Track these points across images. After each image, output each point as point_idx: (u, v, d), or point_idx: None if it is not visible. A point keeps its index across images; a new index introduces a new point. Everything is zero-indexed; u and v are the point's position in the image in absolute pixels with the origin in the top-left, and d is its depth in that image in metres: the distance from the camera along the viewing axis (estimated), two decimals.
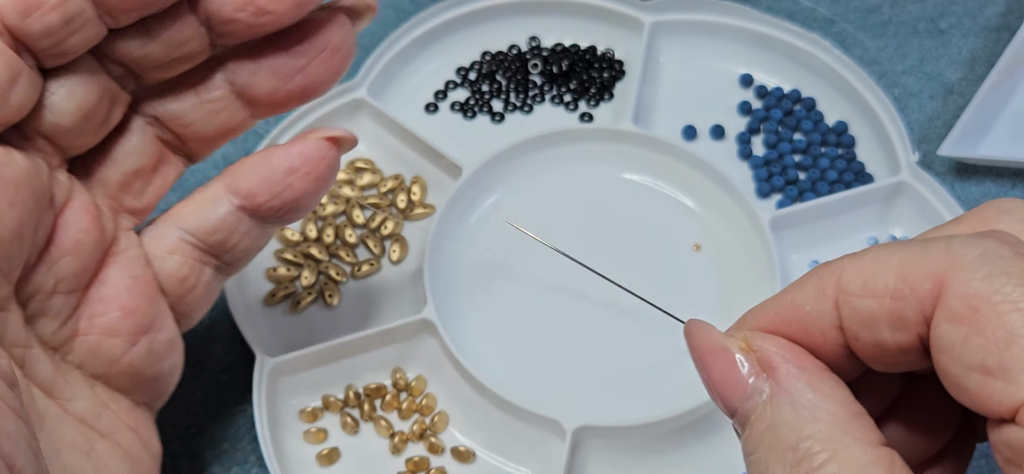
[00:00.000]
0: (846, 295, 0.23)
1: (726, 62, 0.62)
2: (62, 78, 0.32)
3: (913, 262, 0.22)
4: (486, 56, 0.63)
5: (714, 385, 0.25)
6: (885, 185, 0.54)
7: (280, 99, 0.37)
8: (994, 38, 0.63)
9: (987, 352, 0.20)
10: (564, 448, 0.45)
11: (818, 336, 0.24)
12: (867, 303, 0.23)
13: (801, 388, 0.23)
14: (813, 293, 0.24)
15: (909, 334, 0.22)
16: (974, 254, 0.21)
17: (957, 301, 0.21)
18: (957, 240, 0.22)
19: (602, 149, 0.57)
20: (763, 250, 0.52)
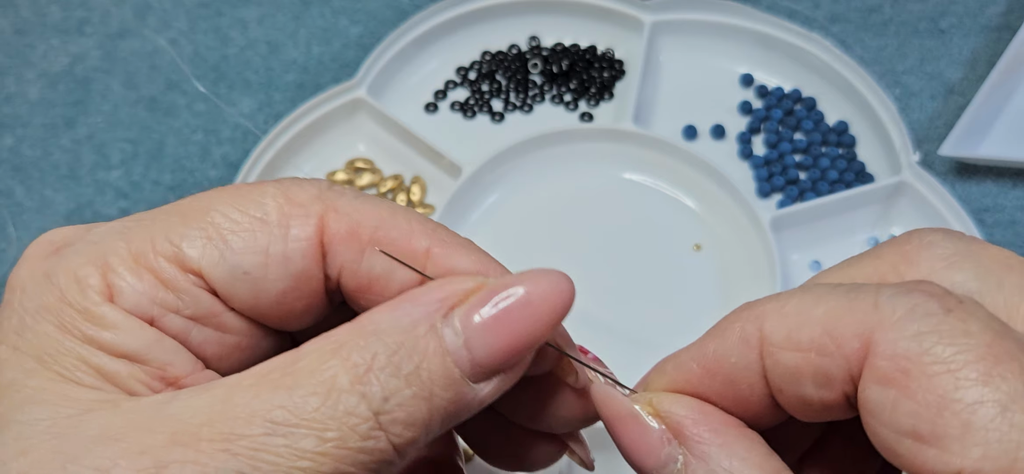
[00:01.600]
0: (769, 346, 0.22)
1: (726, 62, 0.62)
2: None
3: (838, 316, 0.21)
4: (486, 56, 0.63)
5: (627, 451, 0.24)
6: (886, 185, 0.54)
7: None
8: (995, 38, 0.63)
9: (919, 418, 0.19)
10: None
11: (745, 388, 0.23)
12: (791, 356, 0.21)
13: (715, 454, 0.22)
14: (737, 343, 0.23)
15: (834, 391, 0.21)
16: (902, 310, 0.20)
17: (885, 362, 0.20)
18: (884, 294, 0.20)
19: (602, 149, 0.57)
20: (763, 250, 0.52)
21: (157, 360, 0.24)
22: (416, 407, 0.22)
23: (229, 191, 0.25)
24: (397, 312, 0.23)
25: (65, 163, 0.60)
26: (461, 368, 0.23)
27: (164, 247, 0.24)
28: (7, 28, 0.66)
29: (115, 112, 0.62)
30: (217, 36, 0.65)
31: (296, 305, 0.25)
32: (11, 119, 0.62)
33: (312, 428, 0.21)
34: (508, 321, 0.23)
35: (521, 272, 0.24)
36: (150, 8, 0.67)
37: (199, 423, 0.21)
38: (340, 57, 0.64)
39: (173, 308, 0.24)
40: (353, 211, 0.25)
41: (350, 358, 0.22)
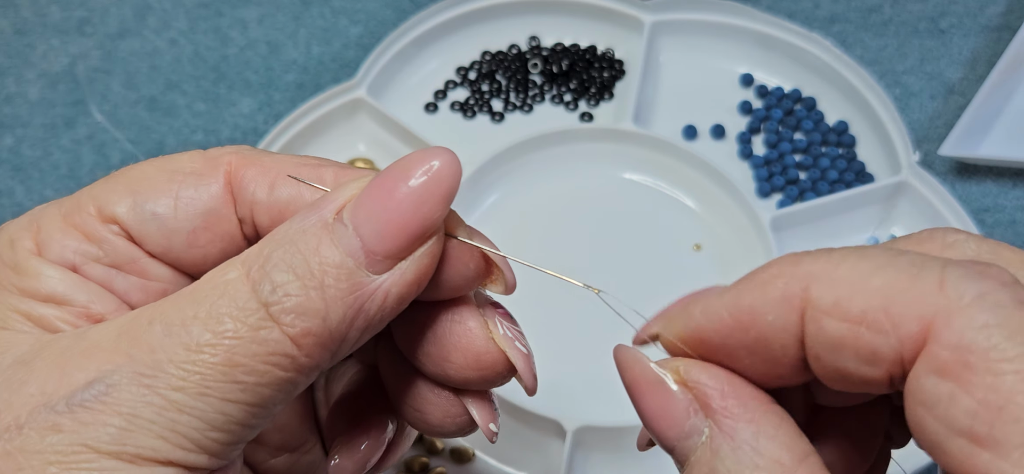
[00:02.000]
0: (814, 311, 0.20)
1: (726, 61, 0.62)
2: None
3: (899, 291, 0.19)
4: (486, 56, 0.63)
5: (649, 420, 0.23)
6: (886, 185, 0.54)
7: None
8: (995, 38, 0.63)
9: (977, 417, 0.18)
10: (564, 448, 0.45)
11: (778, 349, 0.21)
12: (837, 326, 0.20)
13: (742, 430, 0.21)
14: (777, 300, 0.21)
15: (879, 370, 0.20)
16: (970, 296, 0.18)
17: (947, 352, 0.18)
18: (952, 274, 0.19)
19: (602, 149, 0.57)
20: (763, 250, 0.52)
21: (80, 300, 0.25)
22: (306, 296, 0.23)
23: (155, 158, 0.28)
24: (293, 221, 0.24)
25: (65, 163, 0.60)
26: (353, 256, 0.23)
27: (87, 204, 0.27)
28: (7, 28, 0.66)
29: (115, 112, 0.62)
30: (217, 36, 0.65)
31: (210, 248, 0.27)
32: (11, 119, 0.62)
33: (205, 323, 0.22)
34: (393, 200, 0.24)
35: (402, 157, 0.24)
36: (150, 8, 0.67)
37: (106, 338, 0.23)
38: (340, 57, 0.64)
39: (94, 257, 0.26)
40: (263, 158, 0.27)
41: (245, 263, 0.23)
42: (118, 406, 0.22)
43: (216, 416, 0.22)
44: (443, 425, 0.28)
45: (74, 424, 0.21)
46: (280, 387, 0.23)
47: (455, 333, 0.27)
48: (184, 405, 0.22)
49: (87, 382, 0.22)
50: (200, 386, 0.22)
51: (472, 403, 0.28)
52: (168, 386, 0.22)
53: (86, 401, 0.22)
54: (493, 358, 0.27)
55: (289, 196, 0.26)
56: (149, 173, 0.27)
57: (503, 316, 0.28)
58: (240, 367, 0.22)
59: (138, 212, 0.26)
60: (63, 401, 0.22)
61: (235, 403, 0.22)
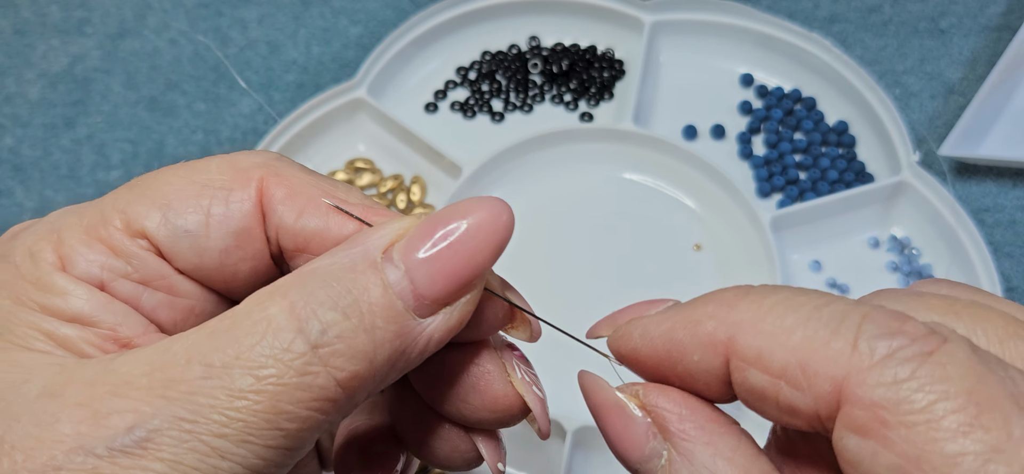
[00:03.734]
0: (737, 360, 0.21)
1: (726, 62, 0.62)
2: None
3: (814, 350, 0.19)
4: (486, 56, 0.63)
5: (612, 442, 0.23)
6: (886, 185, 0.54)
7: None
8: (995, 38, 0.63)
9: (899, 471, 0.18)
10: (564, 448, 0.45)
11: (702, 385, 0.22)
12: (759, 378, 0.20)
13: (699, 452, 0.22)
14: (704, 344, 0.22)
15: (800, 421, 0.20)
16: (880, 354, 0.19)
17: (862, 412, 0.19)
18: (865, 334, 0.19)
19: (602, 149, 0.57)
20: (763, 250, 0.52)
21: (107, 322, 0.24)
22: (356, 339, 0.22)
23: (178, 164, 0.26)
24: (337, 254, 0.23)
25: (65, 163, 0.60)
26: (403, 299, 0.23)
27: (112, 216, 0.25)
28: (7, 28, 0.66)
29: (115, 112, 0.62)
30: (217, 36, 0.65)
31: (240, 266, 0.26)
32: (11, 119, 0.62)
33: (248, 367, 0.21)
34: (448, 248, 0.23)
35: (457, 201, 0.24)
36: (150, 8, 0.67)
37: (139, 373, 0.22)
38: (340, 57, 0.64)
39: (122, 273, 0.25)
40: (292, 176, 0.26)
41: (288, 296, 0.22)
42: (159, 452, 0.21)
43: (256, 461, 0.22)
44: (451, 460, 0.28)
45: (114, 469, 0.21)
46: (319, 428, 0.23)
47: (474, 375, 0.27)
48: (226, 451, 0.21)
49: (126, 427, 0.21)
50: (243, 433, 0.21)
51: (481, 441, 0.28)
52: (210, 433, 0.21)
53: (127, 447, 0.21)
54: (510, 401, 0.27)
55: (318, 226, 0.26)
56: (177, 184, 0.26)
57: (520, 359, 0.28)
58: (284, 414, 0.21)
59: (170, 228, 0.25)
60: (102, 444, 0.21)
61: (275, 448, 0.22)
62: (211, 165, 0.26)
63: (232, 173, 0.26)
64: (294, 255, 0.26)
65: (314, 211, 0.26)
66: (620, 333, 0.25)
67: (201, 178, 0.26)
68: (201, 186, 0.26)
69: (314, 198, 0.26)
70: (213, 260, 0.26)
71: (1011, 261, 0.54)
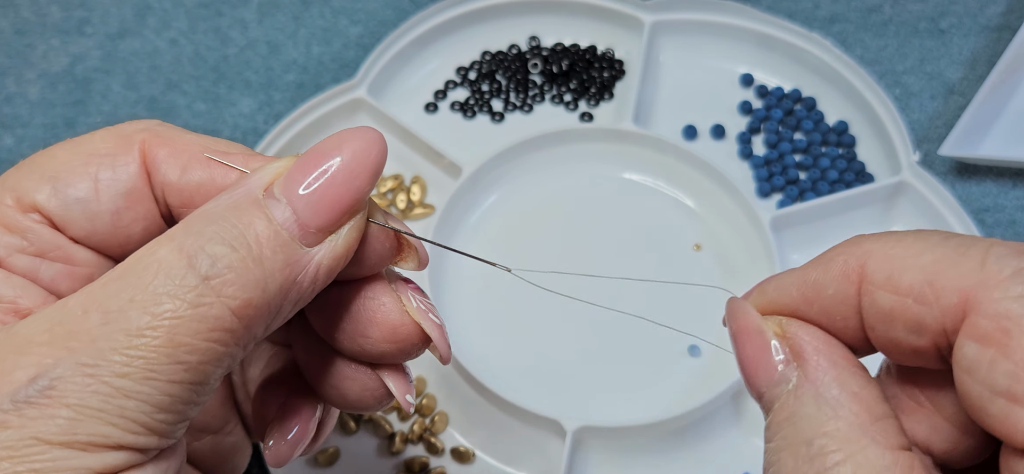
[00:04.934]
0: (868, 284, 0.22)
1: (726, 61, 0.62)
2: None
3: (943, 267, 0.21)
4: (486, 56, 0.63)
5: (744, 366, 0.24)
6: (886, 185, 0.54)
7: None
8: (995, 38, 0.63)
9: (1015, 378, 0.19)
10: (564, 448, 0.45)
11: (839, 320, 0.23)
12: (888, 298, 0.22)
13: (828, 383, 0.23)
14: (837, 276, 0.23)
15: (925, 340, 0.21)
16: (1009, 271, 0.20)
17: (986, 321, 0.20)
18: (994, 253, 0.20)
19: (602, 149, 0.57)
20: (763, 250, 0.52)
21: (7, 296, 0.25)
22: (246, 270, 0.23)
23: (64, 141, 0.27)
24: (220, 198, 0.24)
25: None
26: (288, 230, 0.24)
27: (2, 195, 0.26)
28: (7, 28, 0.66)
29: (115, 112, 0.62)
30: (217, 36, 0.65)
31: (132, 227, 0.27)
32: (11, 119, 0.62)
33: (144, 306, 0.22)
34: (326, 178, 0.24)
35: (330, 136, 0.25)
36: (150, 8, 0.67)
37: (40, 331, 0.22)
38: (340, 57, 0.64)
39: (17, 247, 0.26)
40: (174, 137, 0.27)
41: (175, 239, 0.23)
42: (64, 398, 0.22)
43: (162, 398, 0.22)
44: (362, 400, 0.29)
45: (21, 420, 0.21)
46: (220, 362, 0.23)
47: (370, 309, 0.27)
48: (130, 390, 0.22)
49: (29, 379, 0.22)
50: (144, 370, 0.22)
51: (388, 376, 0.29)
52: (112, 373, 0.22)
53: (31, 397, 0.21)
54: (408, 330, 0.27)
55: (201, 179, 0.27)
56: (63, 157, 0.27)
57: (414, 290, 0.28)
58: (182, 346, 0.22)
59: (60, 198, 0.26)
60: (7, 399, 0.21)
61: (179, 383, 0.22)
62: (96, 136, 0.27)
63: (115, 140, 0.27)
64: (181, 210, 0.27)
65: (197, 166, 0.27)
66: (756, 293, 0.26)
67: (86, 149, 0.27)
68: (87, 155, 0.27)
69: (196, 154, 0.27)
70: (106, 224, 0.27)
71: None
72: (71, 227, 0.26)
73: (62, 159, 0.27)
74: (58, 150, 0.27)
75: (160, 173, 0.27)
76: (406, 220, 0.56)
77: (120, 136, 0.27)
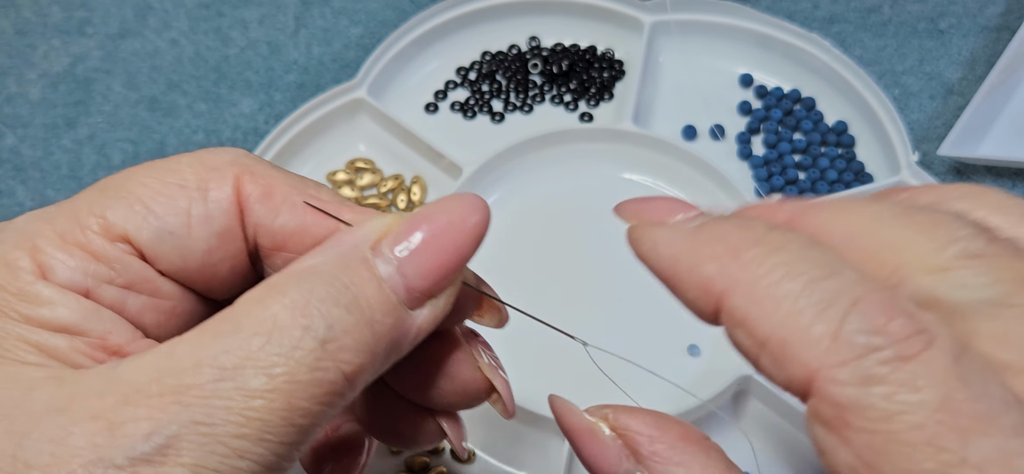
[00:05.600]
0: (727, 315, 0.21)
1: (726, 62, 0.62)
2: None
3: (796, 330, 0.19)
4: (486, 56, 0.63)
5: (586, 465, 0.24)
6: (885, 185, 0.54)
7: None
8: (994, 38, 0.63)
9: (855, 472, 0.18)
10: (564, 449, 0.45)
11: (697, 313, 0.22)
12: (744, 339, 0.21)
13: (671, 472, 0.22)
14: (699, 285, 0.22)
15: (777, 381, 0.21)
16: (857, 351, 0.18)
17: (828, 408, 0.19)
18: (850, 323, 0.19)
19: (602, 149, 0.57)
20: None
21: (96, 330, 0.24)
22: (361, 334, 0.23)
23: (146, 164, 0.26)
24: (326, 252, 0.24)
25: (66, 163, 0.60)
26: (396, 293, 0.24)
27: (88, 221, 0.25)
28: (8, 28, 0.67)
29: (116, 112, 0.62)
30: (218, 36, 0.65)
31: (222, 266, 0.26)
32: (12, 119, 0.62)
33: (260, 366, 0.21)
34: (434, 243, 0.24)
35: (436, 200, 0.25)
36: (151, 9, 0.67)
37: (147, 380, 0.21)
38: (340, 57, 0.64)
39: (106, 278, 0.25)
40: (266, 175, 0.26)
41: (287, 295, 0.22)
42: (180, 458, 0.21)
43: (272, 458, 0.22)
44: (416, 440, 0.29)
45: None
46: (326, 421, 0.23)
47: (445, 362, 0.27)
48: (244, 451, 0.21)
49: (144, 435, 0.21)
50: (260, 432, 0.21)
51: (446, 422, 0.29)
52: (229, 434, 0.21)
53: (147, 455, 0.21)
54: (478, 385, 0.28)
55: (296, 224, 0.26)
56: (152, 186, 0.26)
57: (483, 345, 0.29)
58: (298, 410, 0.22)
59: (152, 231, 0.25)
60: (122, 455, 0.20)
61: (288, 444, 0.22)
62: (182, 164, 0.26)
63: (205, 172, 0.26)
64: (271, 253, 0.27)
65: (291, 210, 0.26)
66: (637, 234, 0.25)
67: (175, 178, 0.26)
68: (177, 186, 0.26)
69: (288, 196, 0.26)
70: (196, 260, 0.26)
71: None
72: (161, 261, 0.26)
73: (151, 187, 0.25)
74: (143, 176, 0.26)
75: (253, 213, 0.26)
76: None
77: (209, 167, 0.26)
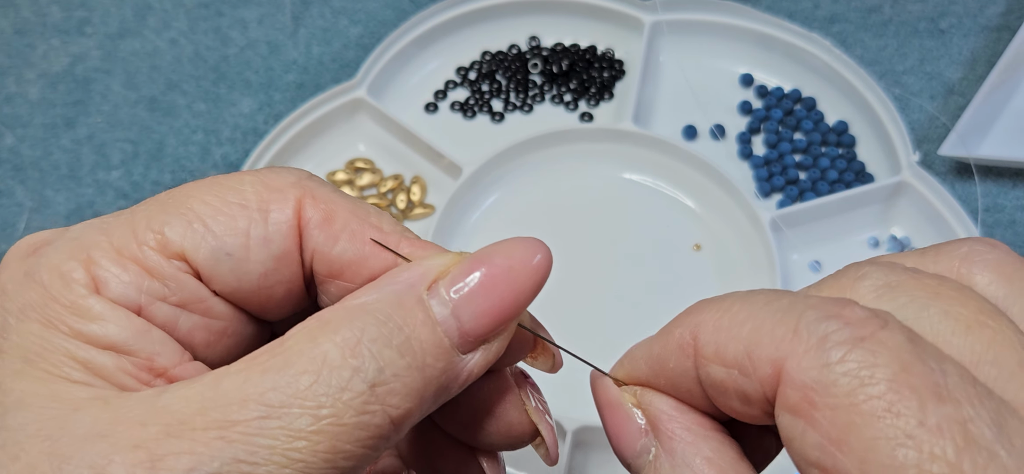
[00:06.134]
0: (701, 357, 0.22)
1: (726, 62, 0.62)
2: None
3: (759, 337, 0.20)
4: (486, 56, 0.63)
5: (610, 436, 0.25)
6: (885, 185, 0.54)
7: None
8: (994, 38, 0.63)
9: (823, 450, 0.19)
10: (564, 448, 0.45)
11: (685, 392, 0.23)
12: (718, 371, 0.21)
13: (682, 450, 0.23)
14: (675, 349, 0.23)
15: (756, 410, 0.21)
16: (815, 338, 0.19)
17: (793, 392, 0.19)
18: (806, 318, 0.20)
19: (602, 149, 0.57)
20: (763, 250, 0.52)
21: (144, 351, 0.23)
22: (411, 378, 0.22)
23: (207, 181, 0.25)
24: (382, 289, 0.23)
25: (65, 163, 0.60)
26: (450, 337, 0.23)
27: (146, 236, 0.24)
28: (8, 28, 0.66)
29: (115, 112, 0.62)
30: (217, 36, 0.65)
31: (277, 289, 0.26)
32: (11, 119, 0.62)
33: (305, 407, 0.21)
34: (491, 287, 0.24)
35: (497, 242, 0.24)
36: (150, 8, 0.67)
37: (191, 413, 0.21)
38: (340, 57, 0.64)
39: (160, 295, 0.24)
40: (328, 199, 0.26)
41: (339, 333, 0.22)
42: None
43: None
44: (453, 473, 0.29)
45: None
46: (368, 464, 0.22)
47: (492, 403, 0.27)
48: None
49: (184, 471, 0.20)
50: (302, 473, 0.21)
51: (485, 460, 0.29)
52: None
53: None
54: (523, 429, 0.28)
55: (354, 255, 0.25)
56: (212, 204, 0.25)
57: (533, 388, 0.28)
58: (341, 453, 0.21)
59: (209, 250, 0.24)
60: None
61: None
62: (245, 183, 0.25)
63: (267, 192, 0.25)
64: (325, 280, 0.26)
65: (350, 238, 0.25)
66: (616, 367, 0.26)
67: (237, 198, 0.25)
68: (238, 206, 0.25)
69: (349, 223, 0.25)
70: (252, 283, 0.25)
71: None
72: (216, 281, 0.25)
73: (212, 205, 0.25)
74: (206, 194, 0.25)
75: (312, 239, 0.25)
76: (406, 221, 0.56)
77: (271, 188, 0.25)
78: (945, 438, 0.18)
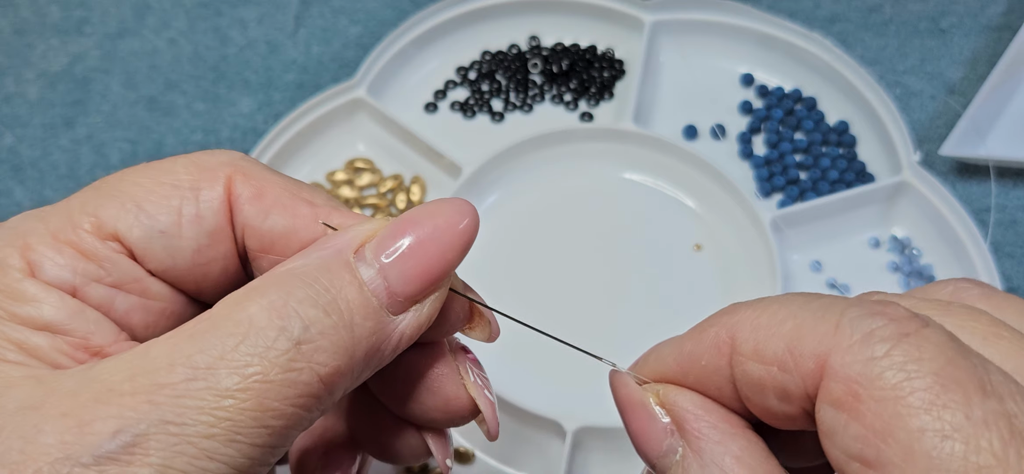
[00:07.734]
0: (738, 355, 0.22)
1: (727, 61, 0.62)
2: None
3: (801, 333, 0.21)
4: (486, 56, 0.63)
5: (634, 437, 0.25)
6: (886, 185, 0.54)
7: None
8: (995, 38, 0.63)
9: (865, 442, 0.19)
10: (564, 449, 0.45)
11: (714, 391, 0.23)
12: (756, 368, 0.22)
13: (711, 449, 0.23)
14: (709, 347, 0.23)
15: (794, 406, 0.21)
16: (859, 334, 0.20)
17: (838, 385, 0.20)
18: (848, 315, 0.20)
19: (602, 149, 0.57)
20: (764, 250, 0.52)
21: (79, 330, 0.24)
22: (338, 336, 0.23)
23: (142, 165, 0.26)
24: (309, 255, 0.24)
25: (64, 163, 0.60)
26: (378, 297, 0.24)
27: (81, 219, 0.25)
28: (6, 28, 0.66)
29: (114, 112, 0.62)
30: (217, 36, 0.65)
31: (212, 267, 0.26)
32: (10, 119, 0.62)
33: (233, 366, 0.21)
34: (418, 248, 0.24)
35: (425, 203, 0.25)
36: (149, 8, 0.67)
37: (119, 379, 0.21)
38: (340, 57, 0.64)
39: (95, 277, 0.25)
40: (259, 176, 0.26)
41: (266, 296, 0.22)
42: (147, 457, 0.21)
43: (243, 460, 0.22)
44: (402, 455, 0.29)
45: None
46: (301, 425, 0.23)
47: (429, 377, 0.27)
48: (214, 451, 0.21)
49: (111, 433, 0.21)
50: (231, 433, 0.21)
51: (432, 439, 0.29)
52: (198, 434, 0.21)
53: (113, 453, 0.20)
54: (462, 403, 0.27)
55: (284, 226, 0.26)
56: (146, 185, 0.25)
57: (473, 362, 0.28)
58: (270, 411, 0.22)
59: (142, 230, 0.25)
60: (87, 453, 0.20)
61: (260, 446, 0.22)
62: (177, 165, 0.26)
63: (199, 172, 0.26)
64: (258, 255, 0.26)
65: (281, 212, 0.26)
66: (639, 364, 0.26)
67: (169, 178, 0.26)
68: (170, 186, 0.26)
69: (280, 198, 0.26)
70: (186, 260, 0.26)
71: (1012, 261, 0.54)
72: (150, 260, 0.25)
73: (145, 187, 0.25)
74: (139, 177, 0.26)
75: (242, 214, 0.26)
76: None
77: (203, 168, 0.26)
78: (991, 431, 0.18)
